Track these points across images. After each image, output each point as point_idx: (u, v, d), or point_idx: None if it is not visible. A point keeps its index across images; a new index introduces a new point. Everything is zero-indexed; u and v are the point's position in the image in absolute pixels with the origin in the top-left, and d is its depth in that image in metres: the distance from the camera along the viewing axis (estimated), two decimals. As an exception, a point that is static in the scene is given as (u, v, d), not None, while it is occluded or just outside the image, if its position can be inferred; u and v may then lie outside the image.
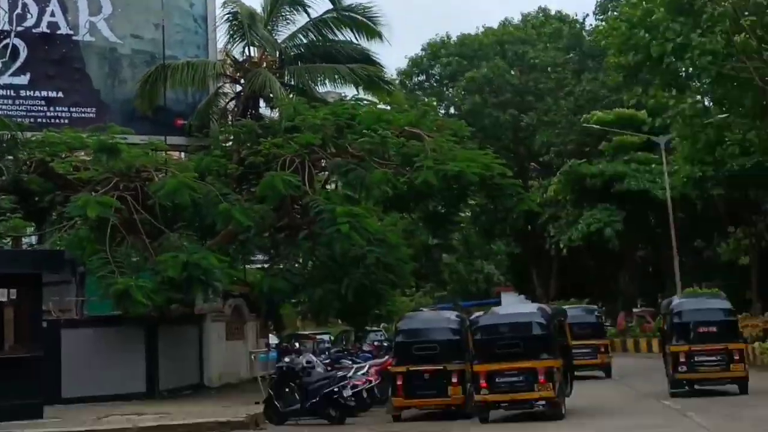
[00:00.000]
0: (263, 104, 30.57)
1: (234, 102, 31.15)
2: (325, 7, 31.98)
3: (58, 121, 28.82)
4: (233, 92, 31.74)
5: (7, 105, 28.97)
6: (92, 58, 30.47)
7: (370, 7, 31.16)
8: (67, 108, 29.69)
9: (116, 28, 30.68)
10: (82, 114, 29.41)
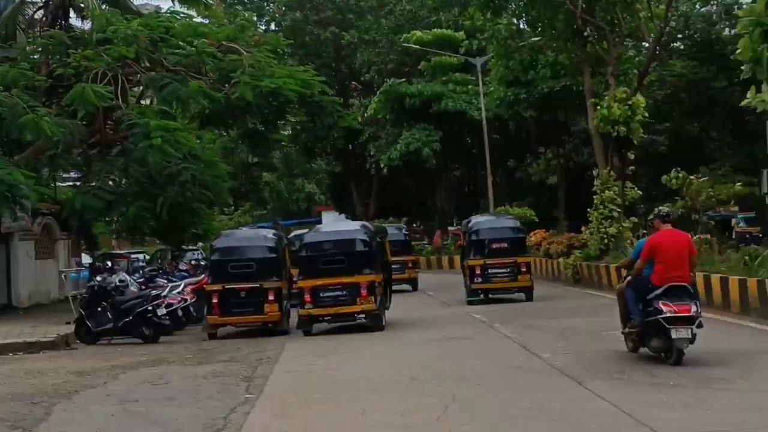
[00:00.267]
0: (74, 14, 29.10)
1: (42, 11, 29.46)
2: None
3: None
4: (41, 1, 30.07)
5: None
6: None
7: None
8: None
9: None
10: None
